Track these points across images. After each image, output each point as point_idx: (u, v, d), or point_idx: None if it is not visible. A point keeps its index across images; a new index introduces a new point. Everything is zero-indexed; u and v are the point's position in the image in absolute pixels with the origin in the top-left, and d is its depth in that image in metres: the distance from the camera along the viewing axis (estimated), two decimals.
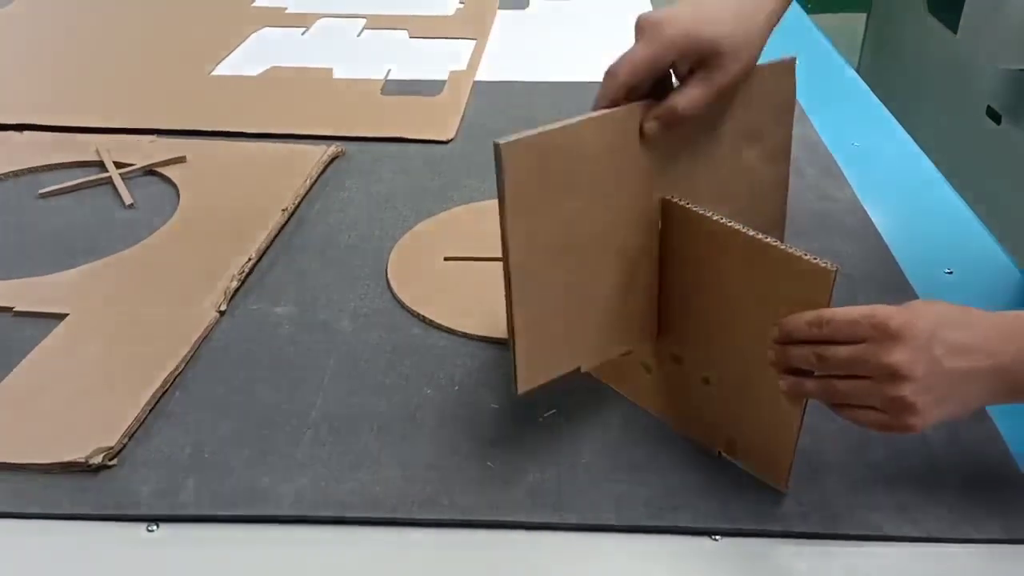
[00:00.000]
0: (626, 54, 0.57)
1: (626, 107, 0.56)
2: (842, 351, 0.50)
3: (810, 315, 0.51)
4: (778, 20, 0.62)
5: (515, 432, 0.63)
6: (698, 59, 0.57)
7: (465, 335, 0.72)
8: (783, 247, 0.52)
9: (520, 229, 0.53)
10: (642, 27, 0.57)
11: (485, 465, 0.60)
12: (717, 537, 0.55)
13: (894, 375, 0.49)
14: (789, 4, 0.63)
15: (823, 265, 0.50)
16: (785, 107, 0.66)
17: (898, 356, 0.49)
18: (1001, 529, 0.55)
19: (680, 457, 0.61)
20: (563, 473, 0.60)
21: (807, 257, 0.51)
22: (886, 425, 0.51)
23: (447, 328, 0.73)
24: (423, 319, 0.74)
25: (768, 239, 0.53)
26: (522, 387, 0.57)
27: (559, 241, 0.55)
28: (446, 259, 0.82)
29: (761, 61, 0.60)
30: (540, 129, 0.52)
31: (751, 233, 0.54)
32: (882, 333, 0.49)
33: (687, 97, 0.56)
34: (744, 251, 0.54)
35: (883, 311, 0.50)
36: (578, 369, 0.60)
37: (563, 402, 0.65)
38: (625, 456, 0.61)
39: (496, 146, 0.50)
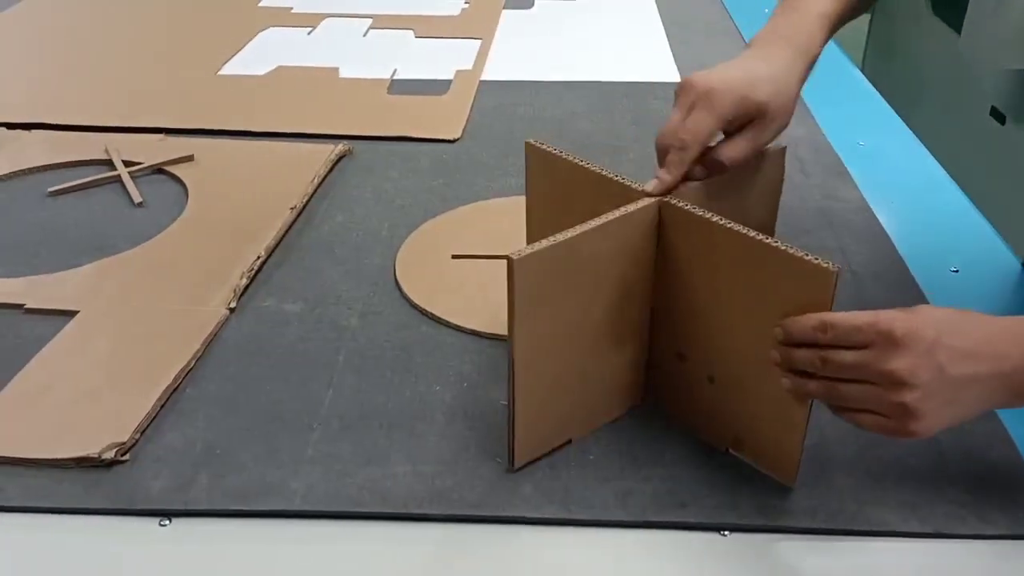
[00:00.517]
0: (689, 125, 0.59)
1: (641, 207, 0.58)
2: (846, 356, 0.51)
3: (814, 319, 0.51)
4: (804, 82, 0.65)
5: None
6: (747, 120, 0.61)
7: (474, 332, 0.73)
8: (785, 247, 0.52)
9: (525, 331, 0.55)
10: (696, 94, 0.60)
11: (494, 461, 0.60)
12: (726, 533, 0.56)
13: (897, 382, 0.49)
14: (813, 66, 0.66)
15: (824, 266, 0.51)
16: (772, 191, 0.67)
17: (902, 363, 0.49)
18: (1009, 525, 0.55)
19: (688, 453, 0.61)
20: (571, 469, 0.60)
21: (808, 258, 0.51)
22: (889, 430, 0.51)
23: (455, 325, 0.73)
24: (431, 316, 0.75)
25: (769, 240, 0.53)
26: (518, 463, 0.60)
27: (561, 331, 0.58)
28: (454, 257, 0.82)
29: None
30: (552, 241, 0.54)
31: (751, 234, 0.54)
32: (886, 340, 0.49)
33: (735, 150, 0.61)
34: (745, 252, 0.54)
35: (887, 317, 0.50)
36: (569, 441, 0.62)
37: None
38: (633, 452, 0.61)
39: (509, 261, 0.53)
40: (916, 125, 1.13)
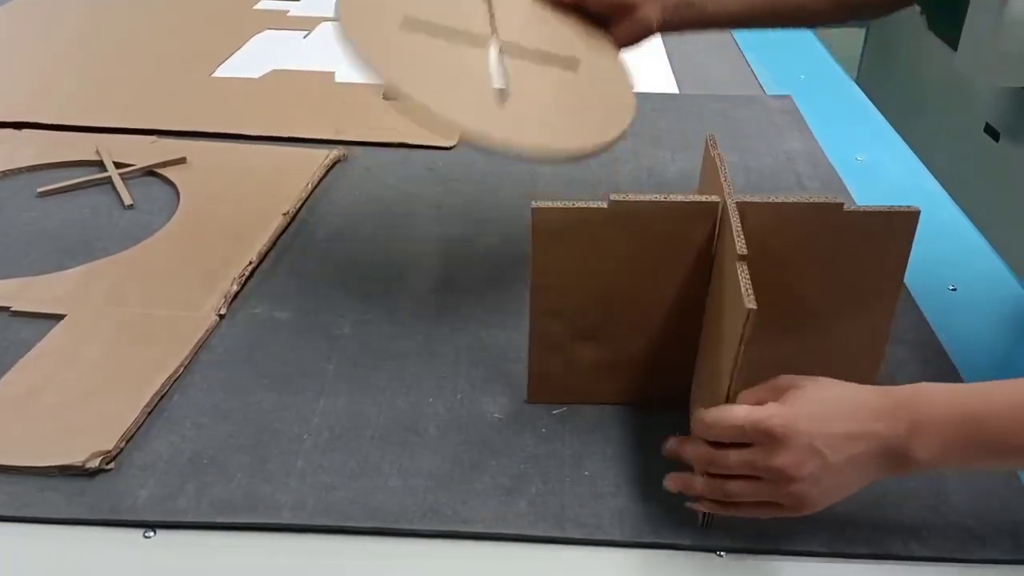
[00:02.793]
0: None
1: (703, 200, 0.59)
2: (731, 457, 0.51)
3: (698, 416, 0.52)
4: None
5: (517, 442, 0.62)
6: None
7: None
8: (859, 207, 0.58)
9: (542, 265, 0.59)
10: None
11: (487, 476, 0.59)
12: (722, 554, 0.55)
13: (785, 477, 0.50)
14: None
15: (906, 209, 0.60)
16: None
17: (786, 459, 0.50)
18: (1011, 549, 0.54)
19: (683, 471, 0.60)
20: (566, 485, 0.59)
21: (885, 208, 0.59)
22: (781, 514, 0.52)
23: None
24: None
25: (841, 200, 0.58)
26: (532, 398, 0.64)
27: (589, 285, 0.61)
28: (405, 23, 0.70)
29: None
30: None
31: (823, 199, 0.58)
32: (766, 437, 0.50)
33: None
34: (820, 221, 0.59)
35: (764, 415, 0.50)
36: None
37: (567, 411, 0.65)
38: (628, 469, 0.60)
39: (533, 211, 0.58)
40: (910, 141, 1.13)
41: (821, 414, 0.50)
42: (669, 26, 0.71)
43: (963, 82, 1.79)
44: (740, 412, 0.50)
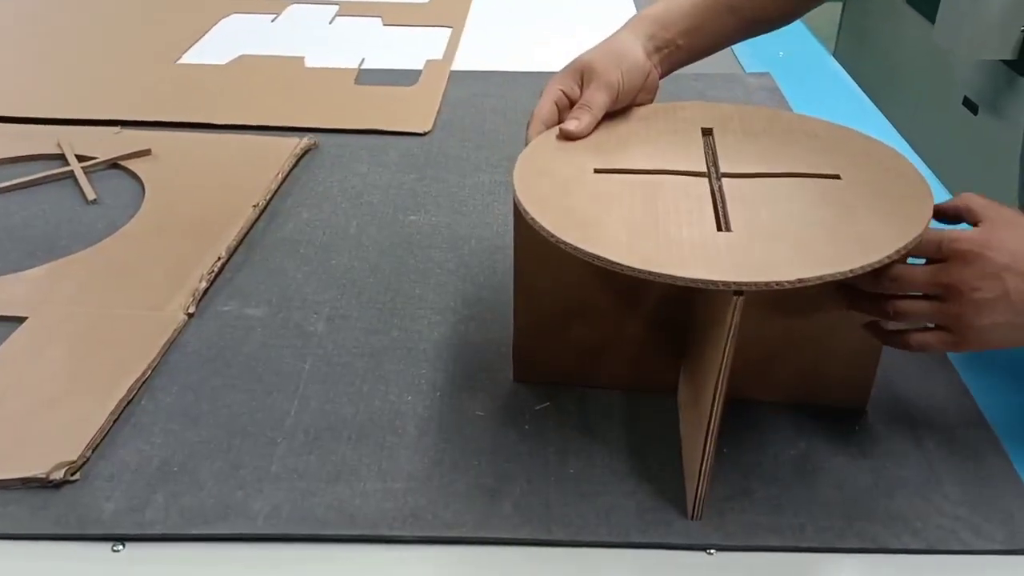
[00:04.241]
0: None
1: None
2: (916, 272, 0.53)
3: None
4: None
5: (500, 441, 0.60)
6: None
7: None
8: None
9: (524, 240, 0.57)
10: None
11: (469, 476, 0.58)
12: (712, 551, 0.53)
13: (953, 293, 0.52)
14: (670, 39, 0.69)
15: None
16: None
17: (962, 275, 0.52)
18: (1005, 540, 0.53)
19: (670, 467, 0.58)
20: (551, 484, 0.57)
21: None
22: (942, 344, 0.54)
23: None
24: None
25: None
26: (516, 376, 0.64)
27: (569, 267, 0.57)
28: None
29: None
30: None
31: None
32: (955, 255, 0.52)
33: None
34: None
35: (955, 235, 0.53)
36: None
37: (550, 405, 0.63)
38: (613, 465, 0.59)
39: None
40: (889, 114, 1.11)
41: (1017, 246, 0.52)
42: (664, 75, 0.72)
43: (941, 56, 1.78)
44: (932, 234, 0.52)
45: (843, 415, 0.62)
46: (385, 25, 1.35)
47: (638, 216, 0.55)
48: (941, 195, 0.91)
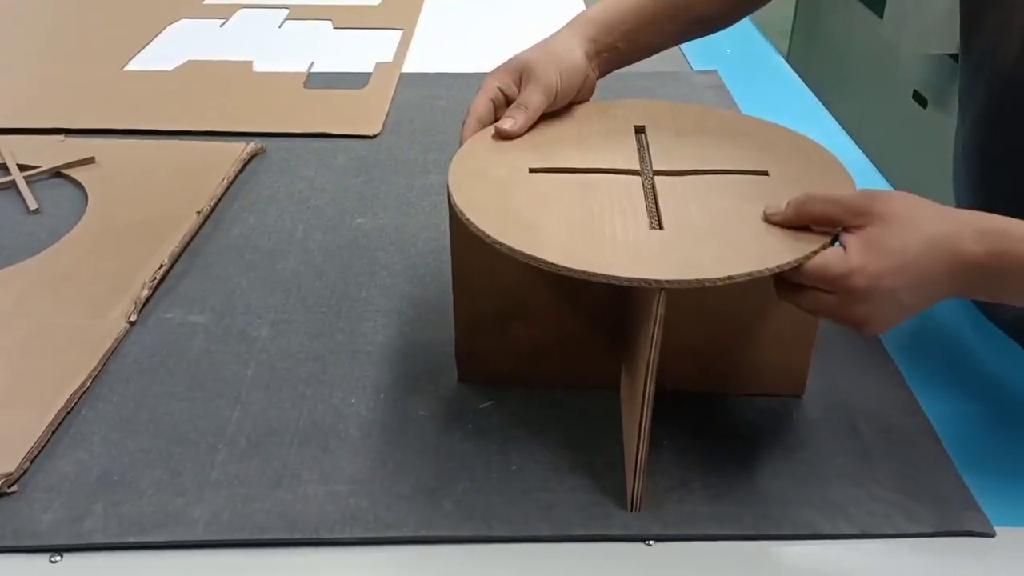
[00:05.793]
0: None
1: None
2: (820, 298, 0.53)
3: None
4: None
5: (444, 440, 0.61)
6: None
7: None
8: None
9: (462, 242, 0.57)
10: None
11: (411, 477, 0.58)
12: (651, 542, 0.54)
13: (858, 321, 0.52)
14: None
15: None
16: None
17: (862, 309, 0.51)
18: (936, 523, 0.54)
19: (613, 461, 0.59)
20: (492, 482, 0.57)
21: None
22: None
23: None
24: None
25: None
26: (461, 376, 0.64)
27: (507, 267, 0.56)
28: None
29: None
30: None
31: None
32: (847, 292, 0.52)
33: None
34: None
35: (846, 269, 0.51)
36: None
37: (494, 404, 0.63)
38: (556, 462, 0.59)
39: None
40: (839, 110, 1.13)
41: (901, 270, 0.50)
42: (602, 75, 0.72)
43: (891, 50, 1.81)
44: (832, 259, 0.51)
45: (781, 405, 0.63)
46: (335, 28, 1.35)
47: (573, 215, 0.56)
48: (879, 187, 0.93)
